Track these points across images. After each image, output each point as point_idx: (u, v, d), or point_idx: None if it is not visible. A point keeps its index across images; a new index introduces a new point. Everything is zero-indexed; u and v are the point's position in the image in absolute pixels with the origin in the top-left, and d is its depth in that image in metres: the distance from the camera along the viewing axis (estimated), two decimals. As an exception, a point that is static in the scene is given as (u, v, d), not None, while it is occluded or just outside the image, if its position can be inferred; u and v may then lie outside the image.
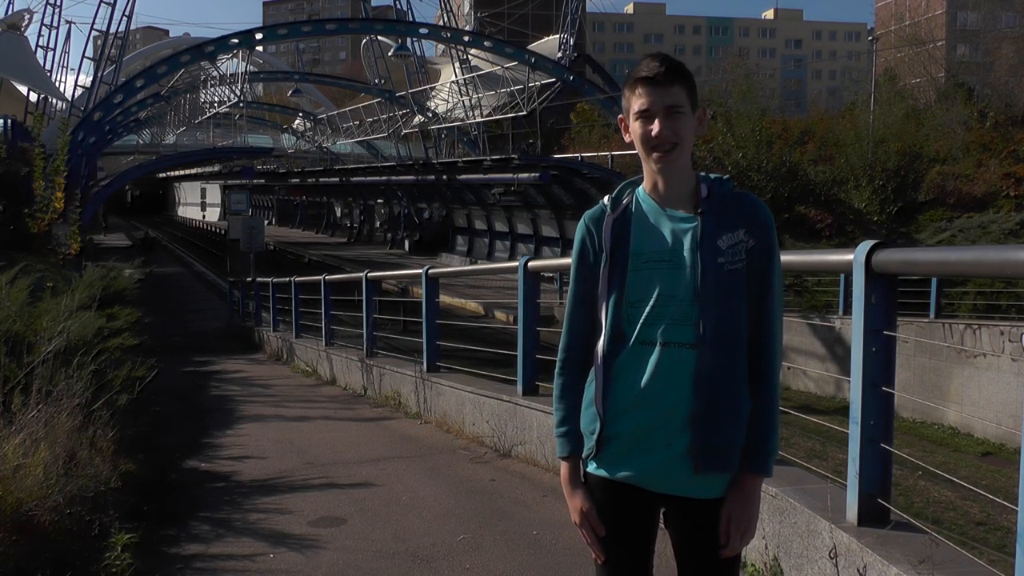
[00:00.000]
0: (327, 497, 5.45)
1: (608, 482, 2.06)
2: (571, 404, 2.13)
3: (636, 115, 2.04)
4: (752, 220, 2.02)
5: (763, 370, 2.02)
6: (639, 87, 2.03)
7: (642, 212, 2.08)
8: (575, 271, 2.15)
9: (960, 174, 31.74)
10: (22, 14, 41.95)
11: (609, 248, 2.06)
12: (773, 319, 2.03)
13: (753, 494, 2.03)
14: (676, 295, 1.99)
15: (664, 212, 2.06)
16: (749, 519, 2.02)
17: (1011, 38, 51.24)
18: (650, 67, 2.02)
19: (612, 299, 2.04)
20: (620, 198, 2.13)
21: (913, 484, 10.16)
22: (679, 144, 2.03)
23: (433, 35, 41.29)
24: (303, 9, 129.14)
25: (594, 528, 2.08)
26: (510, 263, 7.29)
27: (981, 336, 14.94)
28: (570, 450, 2.12)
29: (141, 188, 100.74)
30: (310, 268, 34.13)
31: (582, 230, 2.14)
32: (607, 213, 2.11)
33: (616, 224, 2.08)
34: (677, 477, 1.99)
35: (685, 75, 2.04)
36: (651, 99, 2.01)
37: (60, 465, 4.32)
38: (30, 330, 5.91)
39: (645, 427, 1.99)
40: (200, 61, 38.13)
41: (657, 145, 2.02)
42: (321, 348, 12.14)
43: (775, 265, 2.04)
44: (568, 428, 2.13)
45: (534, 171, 32.01)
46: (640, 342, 2.00)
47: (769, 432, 2.03)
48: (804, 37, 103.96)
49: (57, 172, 19.90)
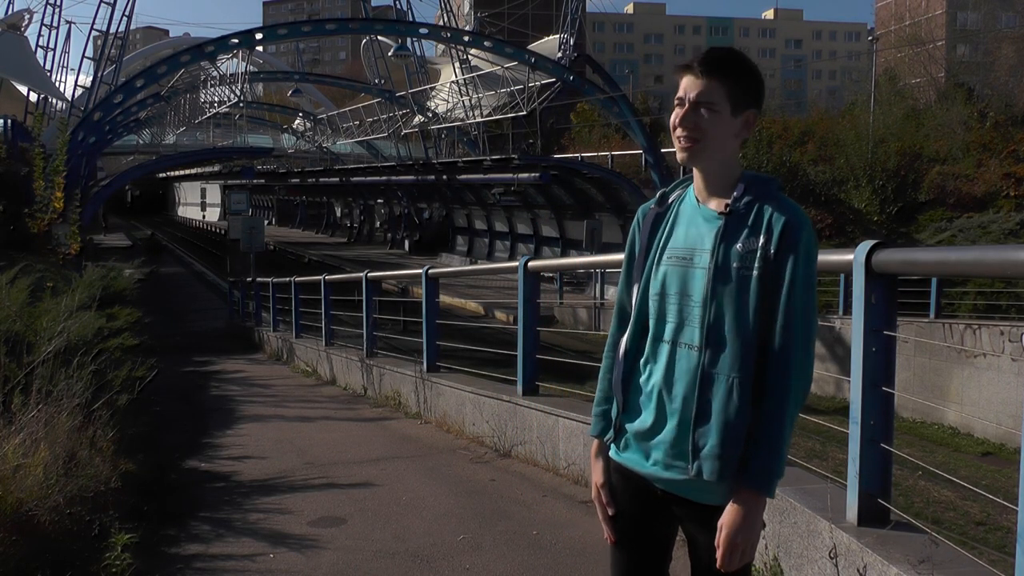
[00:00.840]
0: (327, 497, 5.45)
1: (623, 469, 2.09)
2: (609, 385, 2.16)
3: (675, 102, 2.03)
4: (774, 227, 1.92)
5: (772, 383, 1.91)
6: (680, 73, 2.02)
7: (682, 209, 2.08)
8: (625, 259, 2.20)
9: (960, 174, 31.75)
10: (22, 14, 41.94)
11: (644, 241, 2.09)
12: (791, 331, 1.90)
13: (748, 511, 1.92)
14: (691, 295, 1.97)
15: (699, 210, 2.04)
16: (743, 536, 1.92)
17: (1011, 38, 51.25)
18: (696, 56, 2.01)
19: (638, 291, 2.08)
20: (669, 193, 2.15)
21: (913, 484, 10.16)
22: (702, 140, 1.98)
23: (433, 35, 41.24)
24: (303, 9, 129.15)
25: (605, 504, 2.12)
26: (510, 263, 7.29)
27: (981, 336, 14.95)
28: (599, 430, 2.17)
29: (141, 188, 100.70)
30: (310, 268, 34.13)
31: (633, 221, 2.18)
32: (653, 207, 2.13)
33: (654, 219, 2.10)
34: (678, 477, 1.98)
35: (729, 72, 1.97)
36: (685, 88, 2.00)
37: (60, 465, 4.32)
38: (30, 330, 5.91)
39: (651, 422, 2.01)
40: (200, 61, 38.06)
41: (679, 136, 2.01)
42: (321, 348, 12.14)
43: (797, 275, 1.91)
44: (602, 409, 2.17)
45: (534, 171, 32.01)
46: (655, 338, 2.03)
47: (768, 448, 1.90)
48: (804, 37, 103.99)
49: (57, 172, 19.88)
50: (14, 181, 19.19)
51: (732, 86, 1.97)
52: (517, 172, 32.62)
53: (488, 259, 38.39)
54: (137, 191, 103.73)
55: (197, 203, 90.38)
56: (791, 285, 1.91)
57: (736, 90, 1.97)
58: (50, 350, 5.41)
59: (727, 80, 1.97)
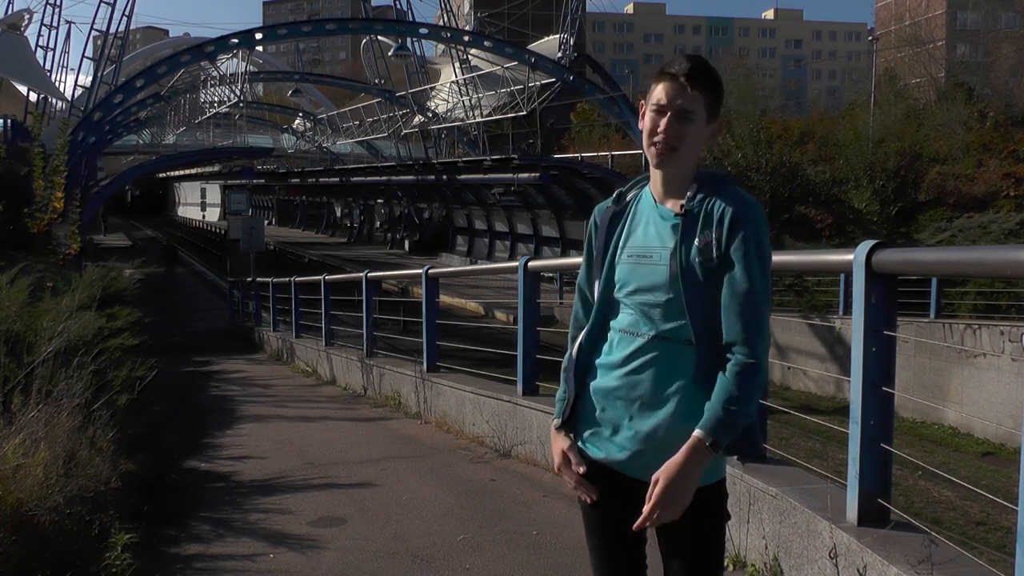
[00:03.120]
0: (327, 497, 5.45)
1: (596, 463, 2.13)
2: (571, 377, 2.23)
3: (652, 107, 2.07)
4: (725, 218, 1.99)
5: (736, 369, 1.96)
6: (662, 81, 2.05)
7: (640, 208, 2.15)
8: (584, 256, 2.27)
9: (960, 174, 31.76)
10: (22, 14, 41.96)
11: (603, 239, 2.16)
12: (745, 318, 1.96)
13: (687, 457, 1.92)
14: (654, 290, 2.04)
15: (656, 209, 2.11)
16: (675, 486, 1.92)
17: (1011, 38, 51.27)
18: (680, 65, 2.04)
19: (600, 288, 2.15)
20: (626, 193, 2.21)
21: (913, 484, 10.17)
22: (679, 148, 2.04)
23: (433, 35, 41.26)
24: (303, 9, 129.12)
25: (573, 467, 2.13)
26: (510, 263, 7.29)
27: (981, 336, 14.94)
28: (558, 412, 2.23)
29: (141, 188, 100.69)
30: (310, 268, 34.13)
31: (590, 220, 2.25)
32: (610, 206, 2.20)
33: (612, 218, 2.17)
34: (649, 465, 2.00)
35: (709, 82, 2.03)
36: (668, 96, 2.04)
37: (60, 465, 4.31)
38: (30, 330, 5.91)
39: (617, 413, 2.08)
40: (200, 61, 38.09)
41: (657, 142, 2.05)
42: (321, 348, 12.14)
43: (750, 263, 1.97)
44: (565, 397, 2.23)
45: (534, 171, 32.02)
46: (617, 330, 2.10)
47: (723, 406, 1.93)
48: (804, 37, 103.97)
49: (57, 172, 19.88)
50: (14, 181, 19.18)
51: (710, 96, 2.04)
52: (517, 172, 32.63)
53: (488, 259, 38.36)
54: (137, 191, 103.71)
55: (197, 203, 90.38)
56: (744, 273, 1.97)
57: (713, 101, 2.05)
58: (50, 350, 5.41)
59: (707, 91, 2.03)
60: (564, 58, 39.21)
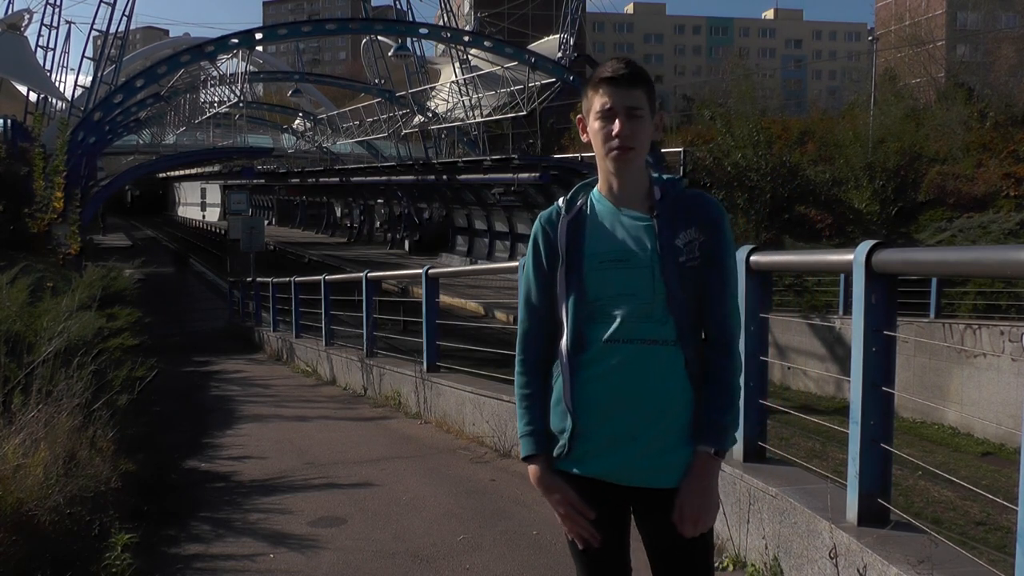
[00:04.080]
0: (327, 497, 5.45)
1: (580, 479, 2.08)
2: (535, 404, 2.16)
3: (597, 114, 2.08)
4: (702, 218, 2.06)
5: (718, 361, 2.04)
6: (602, 87, 2.06)
7: (597, 213, 2.11)
8: (530, 271, 2.16)
9: (960, 174, 31.72)
10: (22, 14, 41.98)
11: (564, 250, 2.09)
12: (728, 312, 2.07)
13: (703, 474, 2.02)
14: (636, 294, 2.03)
15: (619, 213, 2.09)
16: (702, 500, 2.01)
17: (1011, 38, 51.26)
18: (614, 68, 2.07)
19: (571, 300, 2.07)
20: (575, 200, 2.16)
21: (913, 484, 10.17)
22: (636, 147, 2.07)
23: (433, 35, 41.25)
24: (303, 9, 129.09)
25: (583, 512, 2.07)
26: (510, 263, 7.30)
27: (981, 336, 14.94)
28: (537, 449, 2.12)
29: (141, 188, 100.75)
30: (310, 268, 34.13)
31: (536, 231, 2.16)
32: (562, 215, 2.13)
33: (571, 226, 2.10)
34: (640, 468, 2.02)
35: (646, 79, 2.08)
36: (613, 99, 2.05)
37: (60, 465, 4.31)
38: (30, 330, 5.91)
39: (612, 423, 2.03)
40: (200, 61, 38.09)
41: (615, 146, 2.05)
42: (321, 348, 12.14)
43: (728, 260, 2.07)
44: (535, 428, 2.14)
45: (534, 171, 32.04)
46: (603, 340, 2.03)
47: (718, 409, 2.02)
48: (804, 37, 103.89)
49: (57, 172, 19.90)
50: (14, 181, 19.19)
51: (649, 92, 2.09)
52: (517, 172, 32.64)
53: (488, 259, 38.36)
54: (137, 191, 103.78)
55: (197, 203, 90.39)
56: (723, 269, 2.06)
57: (652, 95, 2.10)
58: (50, 350, 5.41)
59: (646, 86, 2.08)
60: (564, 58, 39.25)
